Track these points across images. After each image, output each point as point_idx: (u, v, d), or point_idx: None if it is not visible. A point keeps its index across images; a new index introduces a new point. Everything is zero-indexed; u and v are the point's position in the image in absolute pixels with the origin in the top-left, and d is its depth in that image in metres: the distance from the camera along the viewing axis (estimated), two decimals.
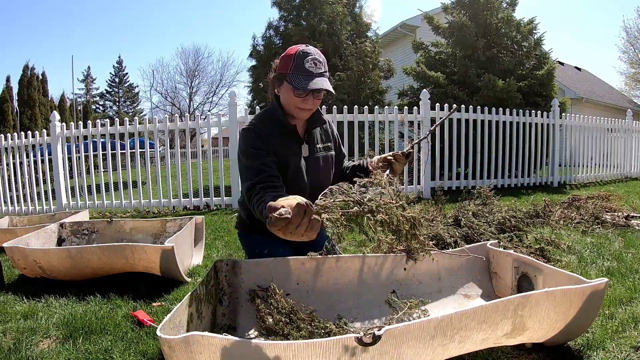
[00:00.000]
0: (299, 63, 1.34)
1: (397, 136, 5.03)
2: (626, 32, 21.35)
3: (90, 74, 31.81)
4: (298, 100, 1.37)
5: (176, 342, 0.86)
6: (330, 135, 1.62)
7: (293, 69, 1.35)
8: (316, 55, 1.38)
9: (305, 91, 1.34)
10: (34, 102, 15.95)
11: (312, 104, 1.40)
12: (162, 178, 4.66)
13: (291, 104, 1.40)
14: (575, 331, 1.18)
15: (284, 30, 7.00)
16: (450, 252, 1.58)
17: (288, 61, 1.36)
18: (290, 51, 1.38)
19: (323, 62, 1.39)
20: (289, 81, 1.35)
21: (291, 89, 1.35)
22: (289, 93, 1.38)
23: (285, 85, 1.38)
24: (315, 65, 1.35)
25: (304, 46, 1.39)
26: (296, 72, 1.34)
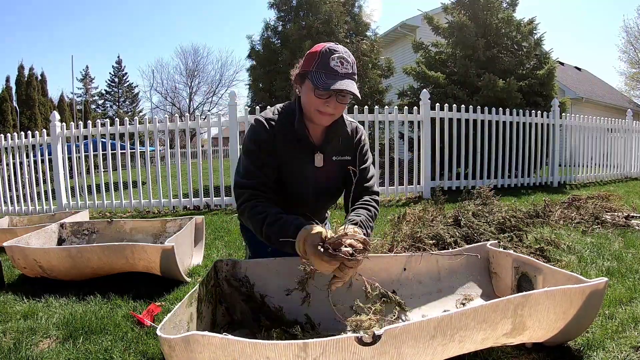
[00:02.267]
0: (324, 61, 1.22)
1: (397, 136, 5.03)
2: (626, 32, 21.32)
3: (89, 74, 31.83)
4: (319, 102, 1.24)
5: (176, 342, 0.86)
6: (352, 146, 1.43)
7: (316, 66, 1.22)
8: (344, 54, 1.24)
9: (327, 91, 1.21)
10: (34, 102, 15.95)
11: (335, 109, 1.26)
12: (162, 178, 4.66)
13: (312, 106, 1.26)
14: (575, 331, 1.18)
15: (282, 30, 7.01)
16: (444, 253, 1.58)
17: (312, 58, 1.24)
18: (316, 48, 1.26)
19: (352, 62, 1.25)
20: (310, 79, 1.22)
21: (312, 88, 1.22)
22: (309, 93, 1.24)
23: (306, 84, 1.26)
24: (341, 64, 1.22)
25: (333, 44, 1.27)
26: (319, 69, 1.22)
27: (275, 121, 1.33)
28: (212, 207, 4.58)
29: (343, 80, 1.21)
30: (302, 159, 1.36)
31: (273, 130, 1.32)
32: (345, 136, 1.42)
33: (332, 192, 1.47)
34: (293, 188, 1.38)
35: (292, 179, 1.36)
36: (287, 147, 1.33)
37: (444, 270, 1.56)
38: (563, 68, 14.62)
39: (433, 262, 1.55)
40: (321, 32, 6.39)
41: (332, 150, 1.39)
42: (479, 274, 1.58)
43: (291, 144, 1.33)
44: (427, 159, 4.86)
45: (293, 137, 1.33)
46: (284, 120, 1.34)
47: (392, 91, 7.57)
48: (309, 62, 1.25)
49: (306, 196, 1.41)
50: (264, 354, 0.84)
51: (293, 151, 1.34)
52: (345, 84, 1.20)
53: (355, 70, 1.27)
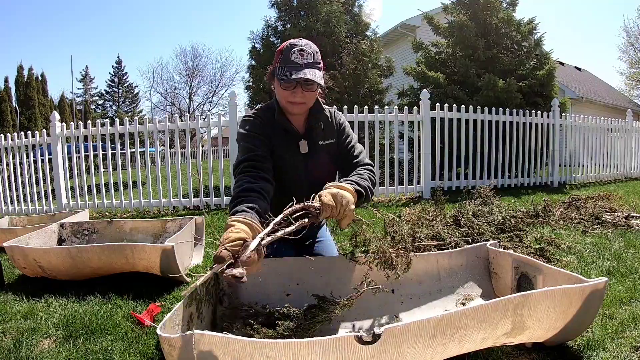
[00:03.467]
0: (285, 55, 1.33)
1: (397, 136, 5.03)
2: (626, 32, 21.36)
3: (89, 74, 31.86)
4: (287, 93, 1.35)
5: (176, 341, 0.86)
6: (334, 129, 1.52)
7: (280, 62, 1.34)
8: (304, 46, 1.33)
9: (288, 82, 1.31)
10: (33, 102, 15.95)
11: (302, 97, 1.36)
12: (162, 178, 4.66)
13: (282, 99, 1.38)
14: (575, 331, 1.18)
15: (283, 30, 7.01)
16: (444, 253, 1.59)
17: (278, 55, 1.36)
18: (281, 46, 1.37)
19: (312, 52, 1.34)
20: (276, 74, 1.34)
21: (278, 82, 1.34)
22: (278, 87, 1.36)
23: (275, 80, 1.37)
24: (301, 56, 1.32)
25: (295, 39, 1.37)
26: (282, 64, 1.33)
27: (259, 114, 1.45)
28: (212, 207, 4.58)
29: (302, 70, 1.30)
30: (288, 147, 1.44)
31: (261, 120, 1.43)
32: (325, 121, 1.51)
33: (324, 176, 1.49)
34: (285, 176, 1.44)
35: (283, 168, 1.42)
36: (275, 137, 1.42)
37: (444, 270, 1.56)
38: (563, 68, 14.62)
39: (433, 262, 1.55)
40: (321, 32, 6.39)
41: (316, 135, 1.48)
42: (479, 274, 1.58)
43: (277, 134, 1.42)
44: (427, 159, 4.85)
45: (277, 127, 1.43)
46: (267, 113, 1.45)
47: (392, 91, 7.57)
48: (276, 60, 1.36)
49: (300, 183, 1.47)
50: (264, 353, 0.84)
51: (279, 141, 1.43)
52: (303, 73, 1.30)
53: (317, 59, 1.36)
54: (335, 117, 1.55)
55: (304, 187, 1.45)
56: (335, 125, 1.53)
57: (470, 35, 6.16)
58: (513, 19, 6.45)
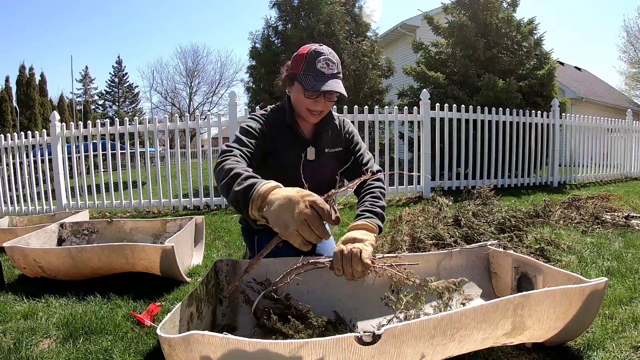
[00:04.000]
0: (310, 63, 1.30)
1: (397, 136, 5.03)
2: (626, 31, 21.38)
3: (89, 74, 31.86)
4: (309, 101, 1.33)
5: (176, 341, 0.86)
6: (342, 137, 1.51)
7: (304, 69, 1.31)
8: (329, 55, 1.33)
9: (316, 92, 1.30)
10: (33, 102, 15.95)
11: (324, 106, 1.35)
12: (162, 178, 4.66)
13: (302, 105, 1.35)
14: (575, 331, 1.18)
15: (283, 30, 7.00)
16: (444, 253, 1.59)
17: (300, 61, 1.32)
18: (302, 50, 1.34)
19: (336, 62, 1.34)
20: (299, 81, 1.31)
21: (302, 89, 1.31)
22: (299, 94, 1.33)
23: (296, 86, 1.35)
24: (327, 65, 1.31)
25: (317, 45, 1.34)
26: (307, 72, 1.30)
27: (268, 115, 1.42)
28: (212, 207, 4.58)
29: (330, 81, 1.30)
30: (295, 152, 1.41)
31: (267, 123, 1.39)
32: (334, 129, 1.50)
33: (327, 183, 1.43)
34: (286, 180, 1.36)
35: (285, 171, 1.39)
36: (281, 139, 1.40)
37: (444, 270, 1.56)
38: (563, 68, 14.63)
39: (433, 262, 1.55)
40: (322, 33, 6.39)
41: (323, 143, 1.46)
42: (479, 274, 1.58)
43: (284, 137, 1.41)
44: (427, 159, 4.85)
45: (286, 131, 1.41)
46: (277, 115, 1.43)
47: (392, 91, 7.57)
48: (297, 65, 1.33)
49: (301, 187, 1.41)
50: (264, 353, 0.84)
51: (286, 144, 1.41)
52: (333, 85, 1.29)
53: (340, 69, 1.35)
54: (344, 125, 1.54)
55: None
56: (343, 134, 1.52)
57: (470, 35, 6.16)
58: (513, 19, 6.45)
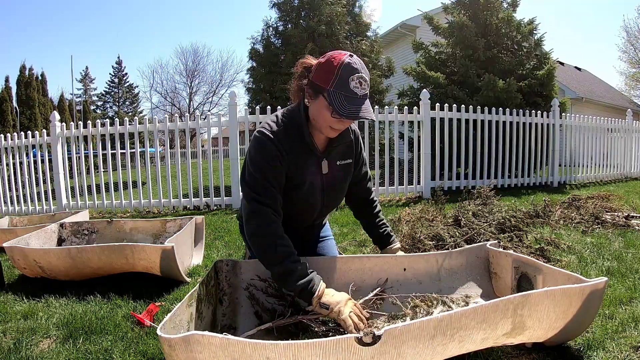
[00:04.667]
0: (343, 80, 1.15)
1: (397, 136, 5.03)
2: (626, 31, 21.34)
3: (89, 74, 31.87)
4: (335, 121, 1.21)
5: (176, 341, 0.86)
6: (353, 150, 1.46)
7: (335, 85, 1.16)
8: (362, 72, 1.17)
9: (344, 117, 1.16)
10: (34, 102, 15.93)
11: (345, 125, 1.27)
12: (162, 178, 4.66)
13: (325, 122, 1.23)
14: (575, 331, 1.18)
15: (283, 31, 7.00)
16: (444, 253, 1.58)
17: (330, 73, 1.17)
18: (333, 60, 1.18)
19: (368, 80, 1.20)
20: (328, 99, 1.17)
21: (329, 108, 1.17)
22: (324, 111, 1.20)
23: (321, 101, 1.20)
24: (360, 85, 1.17)
25: (349, 57, 1.18)
26: (339, 90, 1.16)
27: (281, 132, 1.29)
28: (212, 207, 4.58)
29: (363, 105, 1.17)
30: (309, 167, 1.34)
31: (281, 144, 1.27)
32: (349, 143, 1.43)
33: (339, 196, 1.50)
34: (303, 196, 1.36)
35: (301, 188, 1.34)
36: (295, 157, 1.30)
37: (444, 270, 1.56)
38: (563, 68, 14.63)
39: (433, 262, 1.55)
40: (323, 33, 6.39)
41: (335, 155, 1.40)
42: (479, 274, 1.58)
43: (299, 154, 1.31)
44: (427, 159, 4.85)
45: (300, 147, 1.31)
46: (290, 130, 1.30)
47: (392, 91, 7.57)
48: (326, 78, 1.17)
49: (316, 203, 1.41)
50: (264, 354, 0.84)
51: (301, 160, 1.32)
52: (366, 110, 1.17)
53: (369, 85, 1.22)
54: (357, 140, 1.48)
55: (318, 204, 1.42)
56: (354, 148, 1.47)
57: (470, 35, 6.15)
58: (513, 19, 6.44)
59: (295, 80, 1.34)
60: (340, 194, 1.49)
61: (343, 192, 1.50)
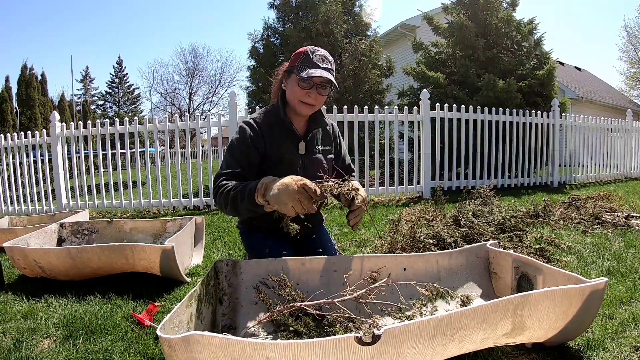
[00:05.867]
0: (307, 57, 1.42)
1: (397, 136, 5.03)
2: (627, 31, 21.40)
3: (89, 74, 31.86)
4: (302, 93, 1.42)
5: (176, 342, 0.86)
6: (332, 138, 1.64)
7: (301, 62, 1.42)
8: (325, 53, 1.46)
9: (309, 80, 1.39)
10: (34, 102, 15.92)
11: (315, 99, 1.44)
12: (162, 178, 4.66)
13: (296, 97, 1.44)
14: (575, 331, 1.18)
15: (282, 31, 7.01)
16: (444, 253, 1.58)
17: (298, 56, 1.44)
18: (300, 49, 1.47)
19: (331, 61, 1.46)
20: (296, 72, 1.41)
21: (297, 79, 1.41)
22: (295, 86, 1.43)
23: (292, 78, 1.44)
24: (322, 60, 1.43)
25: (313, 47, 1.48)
26: (304, 64, 1.41)
27: (261, 118, 1.49)
28: (212, 207, 4.58)
29: (319, 70, 1.40)
30: (288, 147, 1.49)
31: (259, 127, 1.46)
32: (325, 129, 1.62)
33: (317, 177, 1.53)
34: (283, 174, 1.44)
35: (280, 164, 1.46)
36: (275, 138, 1.47)
37: (444, 270, 1.56)
38: (563, 68, 14.63)
39: (433, 262, 1.55)
40: (321, 33, 6.38)
41: (314, 140, 1.56)
42: (478, 274, 1.58)
43: (278, 135, 1.48)
44: (427, 159, 4.85)
45: (279, 128, 1.49)
46: (269, 115, 1.51)
47: (392, 91, 7.57)
48: (295, 60, 1.44)
49: None
50: (264, 354, 0.84)
51: (280, 141, 1.48)
52: (325, 74, 1.40)
53: (333, 67, 1.47)
54: (334, 128, 1.68)
55: None
56: (333, 135, 1.66)
57: (470, 35, 6.15)
58: (513, 19, 6.44)
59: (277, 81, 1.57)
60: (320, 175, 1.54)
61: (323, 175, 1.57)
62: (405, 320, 1.20)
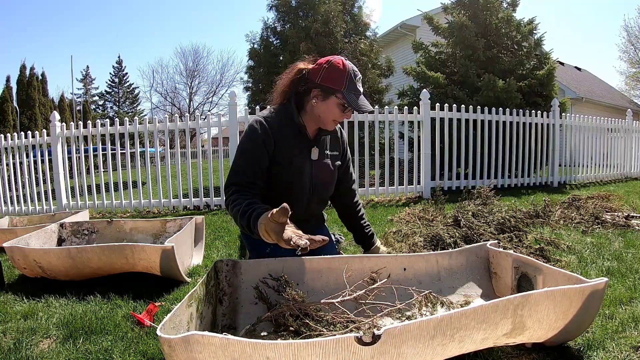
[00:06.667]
0: (351, 81, 1.42)
1: (397, 136, 5.03)
2: (627, 31, 21.37)
3: (89, 74, 31.86)
4: (341, 115, 1.45)
5: (176, 342, 0.86)
6: (340, 145, 1.66)
7: (347, 87, 1.41)
8: (359, 74, 1.47)
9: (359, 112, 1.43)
10: (34, 102, 15.93)
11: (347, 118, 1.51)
12: (162, 178, 4.65)
13: (331, 117, 1.45)
14: (575, 331, 1.18)
15: (281, 31, 7.00)
16: (444, 253, 1.59)
17: (340, 77, 1.41)
18: (337, 65, 1.42)
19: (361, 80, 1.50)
20: (341, 98, 1.40)
21: (341, 104, 1.42)
22: (335, 108, 1.43)
23: (332, 100, 1.42)
24: (360, 82, 1.46)
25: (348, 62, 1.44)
26: (350, 90, 1.41)
27: (272, 117, 1.47)
28: (212, 207, 4.58)
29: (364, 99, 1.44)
30: (300, 151, 1.49)
31: (271, 128, 1.44)
32: (334, 135, 1.62)
33: (327, 185, 1.60)
34: (292, 179, 1.48)
35: (290, 167, 1.46)
36: (286, 140, 1.46)
37: (444, 270, 1.56)
38: (563, 68, 14.63)
39: (433, 262, 1.55)
40: (320, 33, 6.38)
41: (324, 145, 1.57)
42: (478, 274, 1.58)
43: (290, 138, 1.47)
44: (427, 159, 4.85)
45: (292, 131, 1.47)
46: (282, 116, 1.48)
47: (392, 91, 7.57)
48: (337, 82, 1.41)
49: (304, 189, 1.51)
50: (264, 354, 0.84)
51: (292, 144, 1.47)
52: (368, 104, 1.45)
53: None
54: (342, 135, 1.69)
55: (307, 190, 1.53)
56: (341, 142, 1.67)
57: (470, 35, 6.15)
58: (513, 19, 6.44)
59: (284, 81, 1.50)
60: (329, 185, 1.60)
61: (331, 184, 1.62)
62: (405, 320, 1.20)
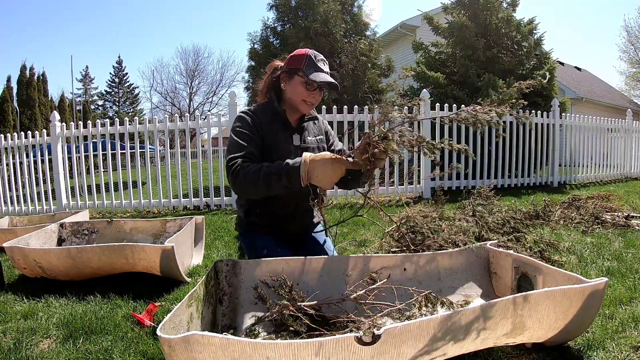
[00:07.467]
0: (310, 60, 1.51)
1: None
2: (627, 31, 21.38)
3: (89, 74, 31.87)
4: (307, 93, 1.51)
5: (176, 342, 0.86)
6: (322, 130, 1.72)
7: (307, 64, 1.50)
8: (322, 56, 1.57)
9: (318, 83, 1.49)
10: (34, 102, 15.93)
11: (317, 99, 1.55)
12: (162, 178, 4.65)
13: (299, 97, 1.52)
14: (575, 331, 1.18)
15: (281, 31, 7.00)
16: (444, 253, 1.58)
17: (301, 59, 1.52)
18: (300, 52, 1.54)
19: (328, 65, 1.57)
20: (302, 75, 1.49)
21: (303, 81, 1.49)
22: (299, 86, 1.51)
23: (296, 79, 1.51)
24: (324, 64, 1.54)
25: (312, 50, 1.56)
26: (309, 67, 1.50)
27: (257, 110, 1.58)
28: (212, 207, 4.58)
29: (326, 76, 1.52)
30: (284, 137, 1.56)
31: (257, 116, 1.54)
32: (315, 122, 1.71)
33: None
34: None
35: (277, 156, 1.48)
36: (270, 126, 1.54)
37: (444, 270, 1.56)
38: (563, 68, 14.62)
39: (433, 262, 1.55)
40: (320, 32, 6.38)
41: (306, 132, 1.64)
42: (479, 274, 1.58)
43: (273, 125, 1.55)
44: (427, 158, 4.85)
45: (275, 118, 1.56)
46: (264, 108, 1.59)
47: (392, 91, 7.55)
48: (298, 62, 1.51)
49: None
50: (264, 354, 0.84)
51: (274, 128, 1.55)
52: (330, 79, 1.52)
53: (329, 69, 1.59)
54: (323, 122, 1.76)
55: None
56: (323, 127, 1.74)
57: (470, 35, 6.15)
58: (513, 19, 6.44)
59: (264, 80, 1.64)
60: None
61: None
62: (405, 320, 1.20)
